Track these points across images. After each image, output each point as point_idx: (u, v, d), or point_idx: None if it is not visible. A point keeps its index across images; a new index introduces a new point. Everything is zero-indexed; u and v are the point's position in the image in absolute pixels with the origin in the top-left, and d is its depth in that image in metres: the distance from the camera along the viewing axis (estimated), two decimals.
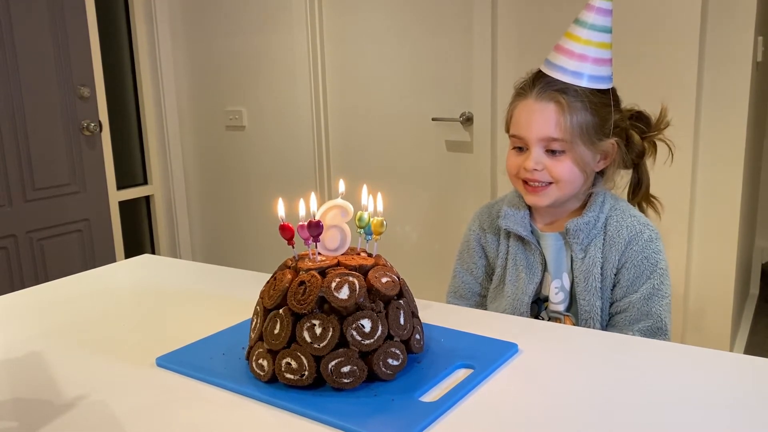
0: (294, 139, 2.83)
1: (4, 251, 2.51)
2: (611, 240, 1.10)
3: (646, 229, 1.10)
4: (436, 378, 0.74)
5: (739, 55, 2.01)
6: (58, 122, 2.62)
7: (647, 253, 1.08)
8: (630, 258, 1.08)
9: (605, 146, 1.10)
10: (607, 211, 1.12)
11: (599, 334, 0.88)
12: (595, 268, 1.09)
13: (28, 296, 1.12)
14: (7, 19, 2.42)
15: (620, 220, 1.11)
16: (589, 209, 1.11)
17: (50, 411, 0.70)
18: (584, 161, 1.08)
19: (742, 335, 2.59)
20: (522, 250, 1.17)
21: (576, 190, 1.11)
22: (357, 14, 2.56)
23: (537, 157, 1.08)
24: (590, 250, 1.10)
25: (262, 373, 0.73)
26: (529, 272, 1.15)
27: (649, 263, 1.08)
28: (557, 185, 1.09)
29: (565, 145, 1.06)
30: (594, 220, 1.11)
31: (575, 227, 1.10)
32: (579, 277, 1.10)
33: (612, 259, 1.09)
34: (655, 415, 0.66)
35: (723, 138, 2.05)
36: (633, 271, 1.08)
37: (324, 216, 0.78)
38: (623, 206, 1.14)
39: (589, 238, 1.11)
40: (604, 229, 1.11)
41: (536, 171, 1.09)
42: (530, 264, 1.15)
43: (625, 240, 1.09)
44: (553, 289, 1.14)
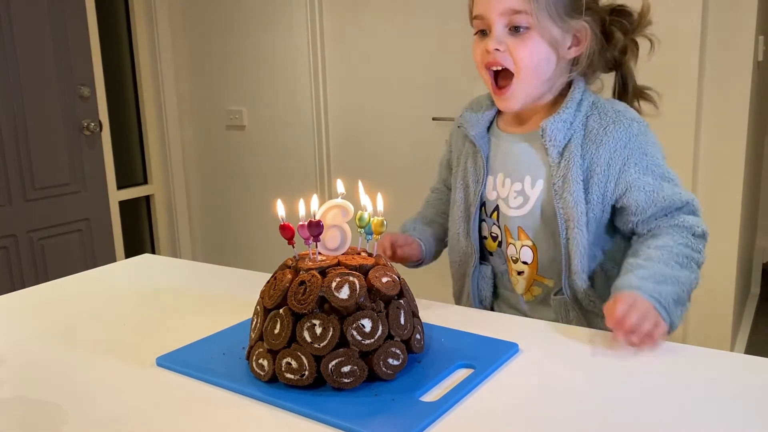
0: (294, 139, 2.83)
1: (4, 251, 2.51)
2: (594, 138, 0.98)
3: (634, 123, 0.99)
4: (437, 378, 0.74)
5: (740, 55, 2.01)
6: (58, 122, 2.61)
7: (643, 148, 0.98)
8: (629, 157, 0.97)
9: (577, 26, 0.98)
10: (587, 107, 1.01)
11: (600, 334, 0.88)
12: (575, 169, 0.97)
13: (28, 296, 1.12)
14: (7, 19, 2.41)
15: (603, 116, 0.99)
16: (566, 106, 1.00)
17: (50, 411, 0.70)
18: (553, 39, 0.97)
19: (742, 335, 2.59)
20: (471, 153, 1.10)
21: (544, 76, 1.00)
22: (357, 14, 2.56)
23: (499, 35, 0.97)
24: (567, 152, 0.99)
25: (262, 373, 0.73)
26: (474, 177, 1.08)
27: (648, 158, 0.98)
28: (519, 75, 0.98)
29: (530, 19, 0.95)
30: (571, 117, 0.99)
31: (552, 127, 0.98)
32: (558, 182, 0.99)
33: (598, 161, 0.98)
34: (655, 415, 0.66)
35: (723, 138, 2.05)
36: (640, 172, 0.97)
37: (324, 216, 0.78)
38: (605, 102, 1.02)
39: (567, 137, 0.99)
40: (584, 127, 1.00)
41: (498, 52, 0.97)
42: (476, 169, 1.08)
43: (614, 140, 0.97)
44: (511, 192, 1.05)
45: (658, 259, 0.92)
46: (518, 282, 1.08)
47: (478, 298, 1.13)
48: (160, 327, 0.95)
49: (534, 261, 1.05)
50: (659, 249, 0.94)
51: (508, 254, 1.08)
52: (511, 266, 1.08)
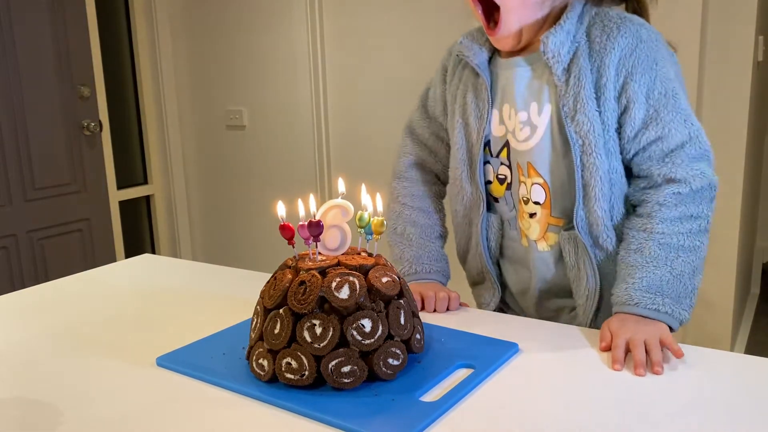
0: (294, 139, 2.83)
1: (4, 251, 2.51)
2: (599, 48, 0.90)
3: (643, 29, 0.89)
4: (437, 378, 0.74)
5: (740, 55, 2.01)
6: (58, 122, 2.62)
7: (653, 56, 0.89)
8: (633, 67, 0.88)
9: None
10: (589, 18, 0.93)
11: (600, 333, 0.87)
12: (586, 85, 0.89)
13: (28, 296, 1.12)
14: (7, 19, 2.41)
15: (607, 23, 0.90)
16: (566, 17, 0.92)
17: (50, 411, 0.70)
18: None
19: (742, 335, 2.58)
20: (472, 84, 1.02)
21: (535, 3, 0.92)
22: (357, 14, 2.56)
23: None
24: (573, 68, 0.91)
25: (262, 373, 0.73)
26: (476, 113, 1.00)
27: (658, 68, 0.89)
28: (506, 5, 0.91)
29: None
30: (573, 29, 0.91)
31: (553, 40, 0.90)
32: (567, 103, 0.91)
33: (606, 74, 0.89)
34: (655, 415, 0.66)
35: (723, 138, 2.05)
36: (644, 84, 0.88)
37: (324, 216, 0.77)
38: (608, 10, 0.94)
39: (570, 51, 0.91)
40: (588, 38, 0.91)
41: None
42: (477, 102, 1.00)
43: (619, 46, 0.88)
44: (518, 123, 0.97)
45: (653, 256, 0.87)
46: (530, 226, 0.99)
47: (487, 250, 1.06)
48: (160, 327, 0.95)
49: (547, 200, 0.97)
50: (654, 239, 0.88)
51: (520, 194, 1.00)
52: (522, 208, 1.00)
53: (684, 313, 0.86)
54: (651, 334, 0.80)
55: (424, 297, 0.98)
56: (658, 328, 0.82)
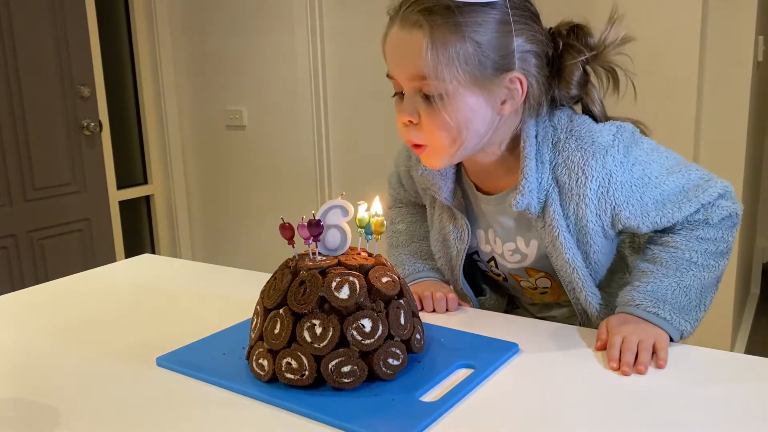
0: (294, 139, 2.83)
1: (4, 251, 2.51)
2: (570, 194, 0.86)
3: (608, 157, 0.84)
4: (437, 378, 0.74)
5: (740, 55, 2.01)
6: (58, 122, 2.62)
7: (630, 180, 0.85)
8: (616, 200, 0.85)
9: (504, 84, 0.82)
10: (549, 155, 0.86)
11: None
12: (561, 231, 0.88)
13: (28, 296, 1.12)
14: (7, 19, 2.41)
15: (570, 165, 0.85)
16: (524, 173, 0.86)
17: (50, 411, 0.70)
18: (467, 111, 0.82)
19: (742, 335, 2.58)
20: (447, 213, 0.99)
21: (474, 139, 0.85)
22: (357, 13, 2.56)
23: (410, 105, 0.83)
24: (547, 216, 0.88)
25: (262, 373, 0.73)
26: (455, 236, 0.98)
27: (639, 188, 0.85)
28: (435, 148, 0.85)
29: (441, 86, 0.79)
30: (535, 179, 0.86)
31: (519, 202, 0.87)
32: (548, 246, 0.91)
33: (584, 215, 0.86)
34: (655, 415, 0.66)
35: (723, 138, 2.05)
36: (635, 207, 0.86)
37: (324, 216, 0.77)
38: (568, 134, 0.86)
39: (540, 201, 0.88)
40: (556, 182, 0.87)
41: (412, 126, 0.84)
42: (456, 228, 0.98)
43: (592, 191, 0.85)
44: (506, 251, 0.97)
45: (663, 265, 0.87)
46: (545, 298, 1.04)
47: (470, 289, 1.07)
48: (160, 327, 0.95)
49: (554, 285, 1.01)
50: (667, 251, 0.88)
51: (523, 286, 1.04)
52: (530, 291, 1.04)
53: (686, 324, 0.84)
54: (646, 337, 0.79)
55: (421, 297, 0.99)
56: (655, 332, 0.81)
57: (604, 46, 0.87)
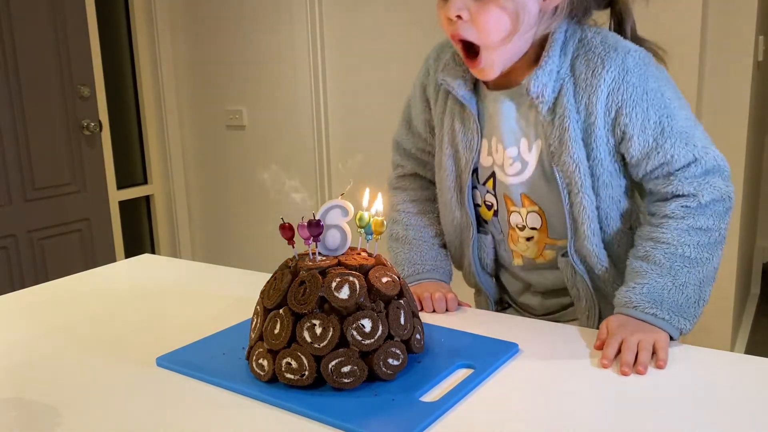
0: (294, 139, 2.83)
1: (4, 251, 2.51)
2: (584, 85, 0.87)
3: (629, 57, 0.86)
4: (437, 378, 0.74)
5: (740, 55, 2.01)
6: (58, 122, 2.62)
7: (642, 85, 0.86)
8: (623, 100, 0.86)
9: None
10: (573, 49, 0.89)
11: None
12: (571, 125, 0.87)
13: (28, 296, 1.12)
14: (7, 19, 2.42)
15: (591, 56, 0.87)
16: (548, 54, 0.88)
17: (50, 411, 0.70)
18: (520, 1, 0.84)
19: (742, 335, 2.58)
20: (459, 114, 0.98)
21: (519, 37, 0.87)
22: (357, 13, 2.56)
23: (459, 0, 0.84)
24: (558, 108, 0.88)
25: (262, 373, 0.73)
26: (465, 143, 0.97)
27: (648, 97, 0.86)
28: (487, 47, 0.86)
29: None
30: (556, 65, 0.88)
31: (535, 84, 0.87)
32: (554, 143, 0.89)
33: (594, 111, 0.87)
34: (655, 415, 0.66)
35: (724, 138, 2.05)
36: (637, 117, 0.86)
37: (324, 215, 0.77)
38: (593, 35, 0.89)
39: (555, 90, 0.88)
40: (572, 73, 0.88)
41: (460, 21, 0.85)
42: (466, 132, 0.97)
43: (606, 82, 0.86)
44: (506, 158, 0.95)
45: (657, 264, 0.87)
46: (527, 248, 1.01)
47: (480, 267, 1.07)
48: (160, 327, 0.95)
49: (543, 225, 0.98)
50: (659, 249, 0.87)
51: (512, 222, 1.00)
52: (517, 233, 1.01)
53: (684, 323, 0.84)
54: (646, 337, 0.80)
55: (421, 298, 0.98)
56: (656, 333, 0.81)
57: None
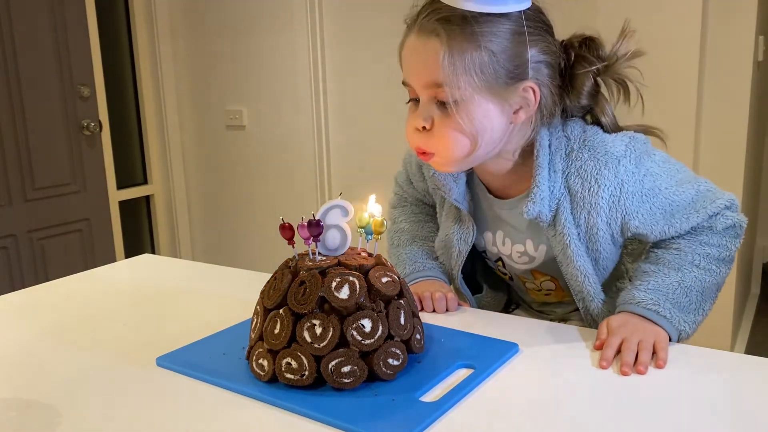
0: (294, 139, 2.83)
1: (4, 251, 2.51)
2: (581, 203, 0.88)
3: (621, 167, 0.86)
4: (437, 378, 0.74)
5: (740, 54, 2.01)
6: (58, 122, 2.62)
7: (641, 189, 0.87)
8: (626, 209, 0.87)
9: (518, 93, 0.84)
10: (562, 164, 0.88)
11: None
12: (572, 240, 0.90)
13: (28, 296, 1.12)
14: (7, 18, 2.41)
15: (583, 173, 0.87)
16: (536, 182, 0.88)
17: (50, 411, 0.70)
18: (481, 119, 0.83)
19: (742, 335, 2.58)
20: (455, 212, 1.00)
21: (487, 147, 0.86)
22: (357, 14, 2.56)
23: (425, 111, 0.84)
24: (558, 224, 0.90)
25: (262, 373, 0.73)
26: (459, 236, 1.00)
27: (650, 198, 0.87)
28: (445, 157, 0.86)
29: (457, 93, 0.81)
30: (547, 187, 0.88)
31: (531, 209, 0.88)
32: (558, 254, 0.92)
33: (595, 224, 0.88)
34: (655, 415, 0.66)
35: (723, 138, 2.05)
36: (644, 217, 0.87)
37: (324, 215, 0.77)
38: (581, 144, 0.88)
39: (552, 209, 0.89)
40: (568, 191, 0.89)
41: (423, 132, 0.85)
42: (461, 228, 1.00)
43: (604, 200, 0.87)
44: (514, 252, 0.99)
45: (665, 265, 0.88)
46: (548, 298, 1.06)
47: (469, 289, 1.09)
48: (160, 327, 0.95)
49: (558, 287, 1.03)
50: (670, 252, 0.90)
51: (528, 287, 1.06)
52: (535, 291, 1.06)
53: (685, 325, 0.84)
54: (647, 337, 0.80)
55: (421, 297, 0.99)
56: (656, 332, 0.81)
57: (615, 59, 0.89)
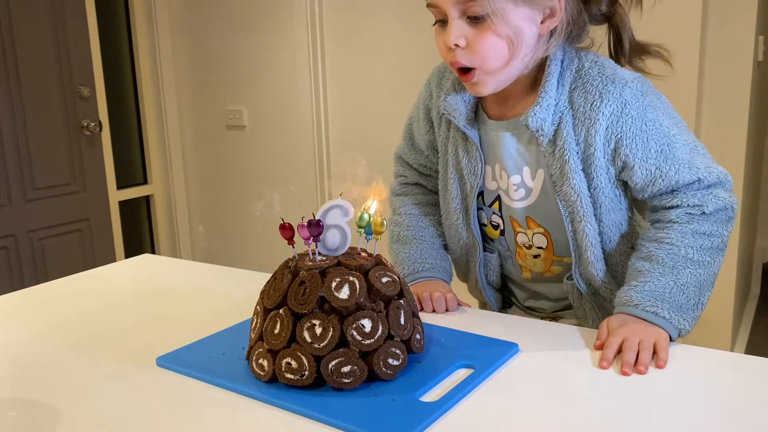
0: (294, 139, 2.83)
1: (4, 251, 2.51)
2: (583, 118, 0.88)
3: (626, 89, 0.87)
4: (437, 378, 0.74)
5: (740, 55, 2.01)
6: (58, 122, 2.62)
7: (641, 116, 0.87)
8: (623, 132, 0.87)
9: (545, 1, 0.86)
10: (571, 79, 0.90)
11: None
12: (571, 157, 0.89)
13: (28, 296, 1.12)
14: (7, 19, 2.41)
15: (588, 88, 0.88)
16: (545, 89, 0.89)
17: (50, 411, 0.70)
18: (519, 21, 0.85)
19: (742, 335, 2.58)
20: (462, 141, 1.00)
21: (515, 60, 0.87)
22: (357, 14, 2.56)
23: (457, 28, 0.85)
24: (558, 140, 0.90)
25: (262, 373, 0.73)
26: (469, 169, 0.99)
27: (648, 127, 0.87)
28: (484, 69, 0.87)
29: (487, 5, 0.82)
30: (554, 98, 0.89)
31: (534, 119, 0.88)
32: (555, 173, 0.91)
33: (593, 142, 0.88)
34: (655, 415, 0.66)
35: (723, 138, 2.05)
36: (637, 148, 0.87)
37: (324, 216, 0.77)
38: (591, 65, 0.90)
39: (554, 123, 0.89)
40: (571, 106, 0.89)
41: (458, 49, 0.86)
42: (470, 159, 0.99)
43: (604, 115, 0.87)
44: (511, 185, 0.98)
45: (660, 263, 0.88)
46: (535, 264, 1.04)
47: (486, 283, 1.09)
48: (160, 327, 0.95)
49: (549, 245, 1.00)
50: (662, 249, 0.88)
51: (519, 241, 1.02)
52: (524, 251, 1.03)
53: (684, 323, 0.84)
54: (647, 337, 0.80)
55: (420, 297, 0.99)
56: (656, 332, 0.81)
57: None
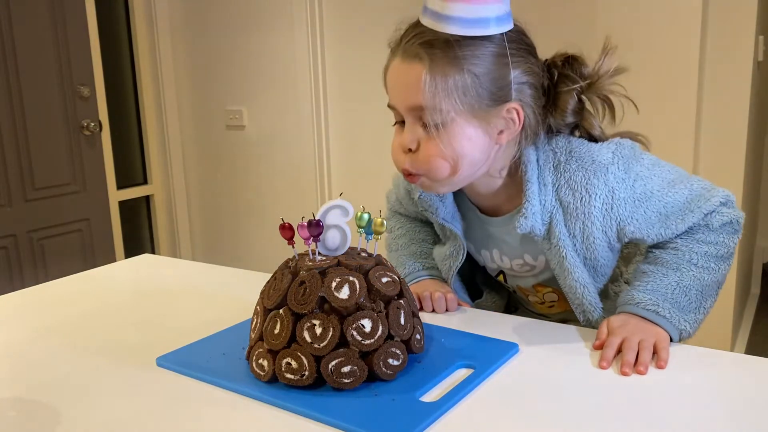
0: (294, 139, 2.83)
1: (4, 251, 2.51)
2: (574, 214, 0.88)
3: (609, 174, 0.86)
4: (437, 378, 0.74)
5: (740, 54, 2.01)
6: (58, 122, 2.62)
7: (632, 196, 0.87)
8: (620, 215, 0.87)
9: (501, 114, 0.84)
10: (551, 178, 0.88)
11: None
12: (568, 251, 0.89)
13: (28, 296, 1.12)
14: (7, 19, 2.42)
15: (573, 185, 0.87)
16: (526, 197, 0.88)
17: (50, 411, 0.70)
18: (463, 144, 0.83)
19: (742, 335, 2.58)
20: (444, 236, 1.02)
21: (470, 169, 0.86)
22: (357, 14, 2.56)
23: (410, 132, 0.85)
24: (552, 237, 0.89)
25: (262, 373, 0.73)
26: (452, 251, 1.00)
27: (642, 203, 0.87)
28: (428, 177, 0.86)
29: (438, 116, 0.82)
30: (538, 202, 0.88)
31: (523, 224, 0.88)
32: (555, 266, 0.92)
33: (589, 233, 0.88)
34: (655, 415, 0.66)
35: (723, 138, 2.05)
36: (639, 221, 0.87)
37: (324, 216, 0.77)
38: (567, 156, 0.88)
39: (545, 222, 0.89)
40: (560, 203, 0.88)
41: (410, 153, 0.86)
42: (454, 246, 1.00)
43: (596, 209, 0.87)
44: (514, 266, 1.00)
45: (664, 265, 0.88)
46: (550, 310, 1.07)
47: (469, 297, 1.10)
48: (160, 327, 0.95)
49: (561, 299, 1.02)
50: (667, 251, 0.90)
51: (531, 300, 1.06)
52: (537, 304, 1.06)
53: (685, 324, 0.84)
54: (647, 337, 0.80)
55: (420, 297, 0.99)
56: (657, 332, 0.81)
57: (598, 76, 0.89)
